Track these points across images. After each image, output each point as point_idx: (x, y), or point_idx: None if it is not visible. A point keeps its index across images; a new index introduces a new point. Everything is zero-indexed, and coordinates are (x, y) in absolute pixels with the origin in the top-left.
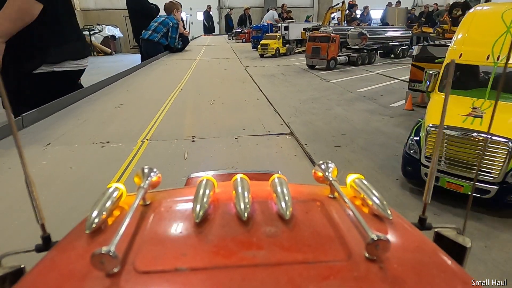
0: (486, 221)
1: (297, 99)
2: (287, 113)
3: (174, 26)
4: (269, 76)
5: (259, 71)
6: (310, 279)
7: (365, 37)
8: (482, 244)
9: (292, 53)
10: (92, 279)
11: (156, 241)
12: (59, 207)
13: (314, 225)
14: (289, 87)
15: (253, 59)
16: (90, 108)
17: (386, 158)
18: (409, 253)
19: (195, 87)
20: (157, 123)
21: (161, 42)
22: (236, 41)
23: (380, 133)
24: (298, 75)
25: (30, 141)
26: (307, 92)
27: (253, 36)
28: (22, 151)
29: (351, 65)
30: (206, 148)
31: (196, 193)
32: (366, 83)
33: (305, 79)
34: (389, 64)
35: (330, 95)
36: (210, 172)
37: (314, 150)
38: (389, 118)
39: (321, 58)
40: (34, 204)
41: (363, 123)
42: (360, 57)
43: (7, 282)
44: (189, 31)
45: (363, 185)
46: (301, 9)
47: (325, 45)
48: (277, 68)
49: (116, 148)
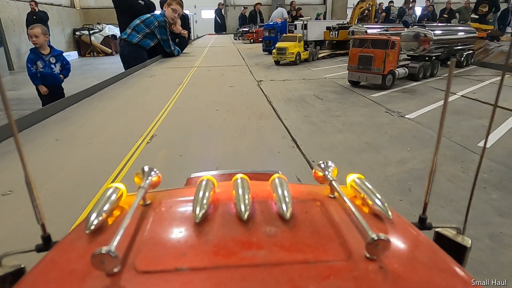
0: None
1: (384, 176)
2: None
3: (160, 25)
4: (297, 101)
5: (279, 89)
6: (310, 278)
7: (426, 40)
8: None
9: (315, 58)
10: (92, 279)
11: (156, 241)
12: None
13: (314, 225)
14: (345, 133)
15: (267, 67)
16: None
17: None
18: (409, 253)
19: (178, 134)
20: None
21: (142, 44)
22: (243, 41)
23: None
24: (343, 101)
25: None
26: (384, 149)
27: (265, 37)
28: (22, 151)
29: (410, 79)
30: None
31: (196, 193)
32: (475, 122)
33: (358, 109)
34: (458, 78)
35: (439, 163)
36: (210, 172)
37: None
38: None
39: (374, 72)
40: (34, 204)
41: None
42: (422, 68)
43: (7, 282)
44: (191, 31)
45: (363, 185)
46: (311, 7)
47: (381, 53)
48: (304, 85)
49: None
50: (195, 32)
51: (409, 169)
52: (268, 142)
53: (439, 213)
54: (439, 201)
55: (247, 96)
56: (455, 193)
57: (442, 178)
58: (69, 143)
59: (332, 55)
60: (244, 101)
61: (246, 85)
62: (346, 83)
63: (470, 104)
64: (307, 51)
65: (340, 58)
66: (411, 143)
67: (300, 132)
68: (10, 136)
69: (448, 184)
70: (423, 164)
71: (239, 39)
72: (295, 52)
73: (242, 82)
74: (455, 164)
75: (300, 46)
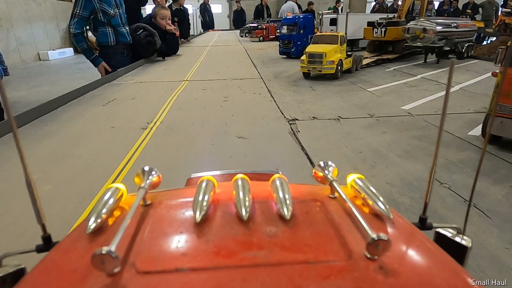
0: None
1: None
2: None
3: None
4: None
5: (340, 151)
6: (310, 279)
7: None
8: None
9: (358, 67)
10: (92, 279)
11: (157, 242)
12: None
13: (314, 225)
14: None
15: (293, 82)
16: None
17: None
18: (409, 253)
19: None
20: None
21: (103, 42)
22: (251, 39)
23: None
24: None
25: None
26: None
27: (282, 35)
28: (22, 150)
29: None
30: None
31: (197, 194)
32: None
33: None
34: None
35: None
36: (211, 172)
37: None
38: None
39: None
40: (35, 205)
41: None
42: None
43: (8, 282)
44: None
45: (364, 185)
46: (321, 1)
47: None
48: (384, 136)
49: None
50: (198, 29)
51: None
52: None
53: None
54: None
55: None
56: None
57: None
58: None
59: (378, 61)
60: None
61: (269, 133)
62: (466, 130)
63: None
64: (350, 58)
65: (392, 67)
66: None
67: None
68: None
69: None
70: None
71: (246, 36)
72: (336, 60)
73: (260, 121)
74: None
75: (343, 50)
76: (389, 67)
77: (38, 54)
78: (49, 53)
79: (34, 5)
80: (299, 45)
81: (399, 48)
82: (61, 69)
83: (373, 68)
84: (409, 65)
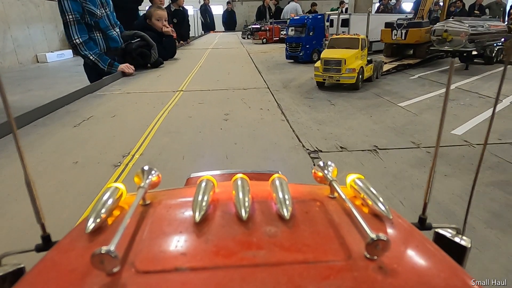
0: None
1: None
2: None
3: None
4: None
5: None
6: (310, 279)
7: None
8: None
9: (379, 75)
10: (92, 278)
11: (156, 241)
12: None
13: (314, 225)
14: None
15: (306, 94)
16: None
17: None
18: (409, 253)
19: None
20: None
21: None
22: (253, 41)
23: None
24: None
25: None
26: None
27: (289, 38)
28: (22, 150)
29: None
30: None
31: (196, 193)
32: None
33: None
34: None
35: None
36: (210, 172)
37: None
38: None
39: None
40: (34, 204)
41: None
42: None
43: (7, 282)
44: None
45: (363, 185)
46: (324, 2)
47: None
48: (449, 184)
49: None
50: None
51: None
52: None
53: None
54: None
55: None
56: None
57: None
58: None
59: (398, 67)
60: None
61: (284, 173)
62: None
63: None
64: (371, 64)
65: (415, 74)
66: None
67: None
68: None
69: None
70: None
71: (248, 38)
72: (357, 68)
73: (272, 153)
74: None
75: (364, 56)
76: (412, 74)
77: (36, 56)
78: (47, 55)
79: (32, 6)
80: (308, 48)
81: (422, 52)
82: (58, 72)
83: (394, 76)
84: (434, 71)
